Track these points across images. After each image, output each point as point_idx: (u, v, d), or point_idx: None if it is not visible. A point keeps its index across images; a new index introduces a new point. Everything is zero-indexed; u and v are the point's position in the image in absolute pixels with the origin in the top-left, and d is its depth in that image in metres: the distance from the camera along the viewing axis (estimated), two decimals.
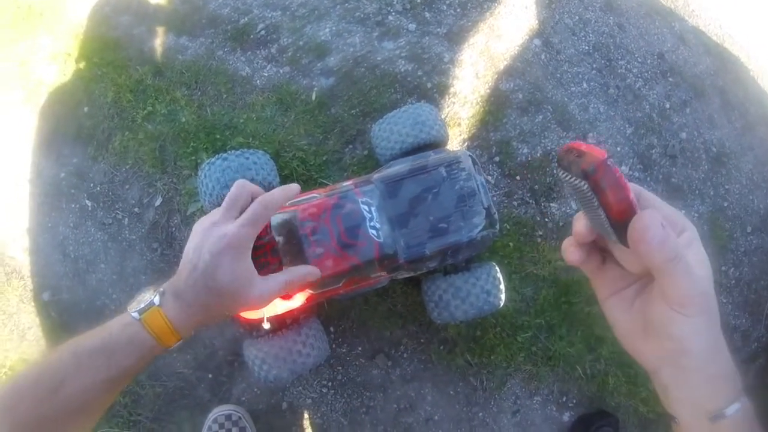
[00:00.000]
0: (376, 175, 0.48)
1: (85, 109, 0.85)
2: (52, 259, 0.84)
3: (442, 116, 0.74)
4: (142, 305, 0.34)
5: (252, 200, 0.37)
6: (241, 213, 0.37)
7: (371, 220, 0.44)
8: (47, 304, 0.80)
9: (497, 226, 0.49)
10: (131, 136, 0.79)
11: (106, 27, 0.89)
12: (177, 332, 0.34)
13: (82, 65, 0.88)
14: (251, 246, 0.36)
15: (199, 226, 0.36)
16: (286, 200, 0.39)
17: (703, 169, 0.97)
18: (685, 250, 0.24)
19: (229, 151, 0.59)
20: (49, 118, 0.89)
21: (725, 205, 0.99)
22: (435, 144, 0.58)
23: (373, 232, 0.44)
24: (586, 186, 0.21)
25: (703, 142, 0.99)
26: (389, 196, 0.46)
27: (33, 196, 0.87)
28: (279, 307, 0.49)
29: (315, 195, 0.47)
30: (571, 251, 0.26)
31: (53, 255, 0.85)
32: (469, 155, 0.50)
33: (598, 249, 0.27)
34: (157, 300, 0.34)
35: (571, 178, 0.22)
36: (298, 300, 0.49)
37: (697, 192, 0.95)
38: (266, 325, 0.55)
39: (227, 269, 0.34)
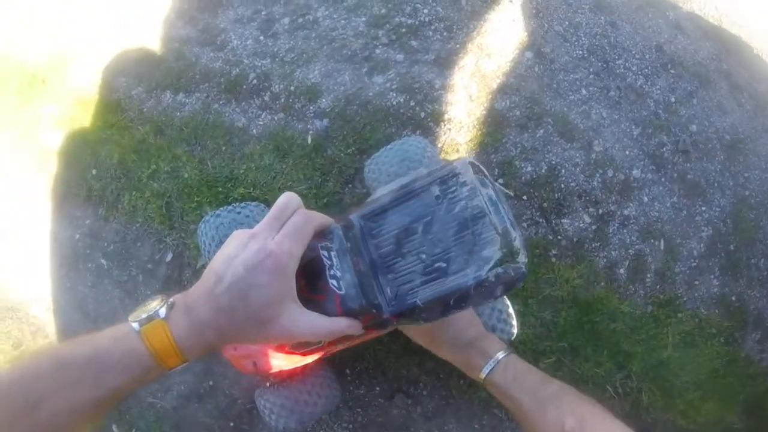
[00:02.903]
0: (356, 212, 0.39)
1: (93, 171, 0.88)
2: (74, 318, 0.87)
3: (439, 144, 0.73)
4: (144, 315, 0.29)
5: None
6: None
7: (331, 267, 0.35)
8: None
9: (522, 257, 0.33)
10: (138, 195, 0.82)
11: (107, 90, 0.93)
12: (181, 353, 0.29)
13: (86, 129, 0.92)
14: (295, 266, 0.31)
15: (235, 237, 0.31)
16: (326, 222, 0.35)
17: (718, 159, 0.93)
18: None
19: (222, 208, 0.60)
20: (60, 181, 0.92)
21: (747, 194, 0.93)
22: None
23: (333, 282, 0.34)
24: None
25: (715, 131, 0.95)
26: (370, 234, 0.36)
27: (52, 257, 0.90)
28: (270, 366, 0.48)
29: None
30: None
31: (74, 314, 0.87)
32: (470, 163, 0.37)
33: None
34: (163, 312, 0.29)
35: None
36: (284, 359, 0.47)
37: (716, 185, 0.91)
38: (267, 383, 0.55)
39: (263, 289, 0.29)
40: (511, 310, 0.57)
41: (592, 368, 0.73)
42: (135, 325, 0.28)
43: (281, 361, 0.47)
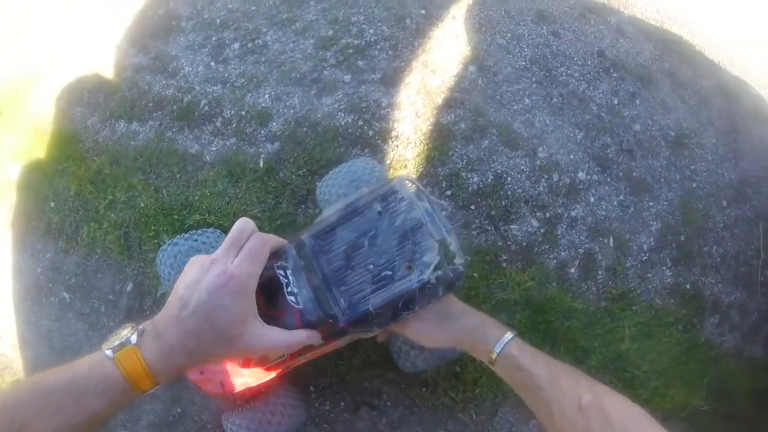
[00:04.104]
0: (306, 232, 0.42)
1: (52, 204, 0.87)
2: (40, 352, 0.86)
3: (388, 161, 0.75)
4: (117, 343, 0.31)
5: None
6: None
7: (288, 285, 0.38)
8: None
9: (458, 259, 0.39)
10: (97, 226, 0.82)
11: (62, 120, 0.93)
12: (154, 376, 0.31)
13: (43, 161, 0.91)
14: (255, 286, 0.34)
15: (195, 263, 0.33)
16: (279, 244, 0.39)
17: (664, 155, 0.97)
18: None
19: (179, 236, 0.61)
20: (20, 215, 0.92)
21: (694, 186, 0.98)
22: None
23: (292, 298, 0.38)
24: None
25: (659, 128, 0.99)
26: (321, 251, 0.40)
27: (15, 292, 0.89)
28: (237, 384, 0.49)
29: None
30: None
31: (40, 348, 0.86)
32: (407, 180, 0.42)
33: None
34: (134, 338, 0.31)
35: None
36: (249, 376, 0.49)
37: (662, 180, 0.95)
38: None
39: (227, 310, 0.31)
40: None
41: None
42: (108, 352, 0.30)
43: (247, 378, 0.48)
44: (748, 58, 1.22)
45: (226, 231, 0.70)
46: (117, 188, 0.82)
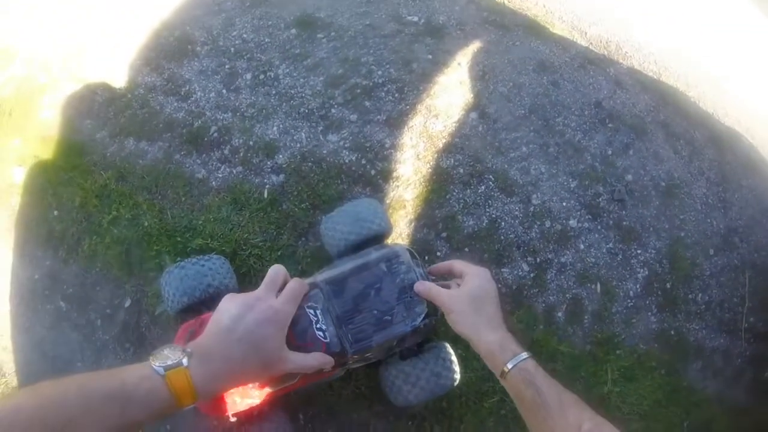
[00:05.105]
0: (321, 277, 0.53)
1: (55, 212, 0.89)
2: (31, 358, 0.87)
3: (387, 201, 0.78)
4: (169, 362, 0.34)
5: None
6: (278, 292, 0.42)
7: (317, 322, 0.48)
8: None
9: (438, 313, 0.52)
10: (99, 240, 0.83)
11: (71, 130, 0.94)
12: (197, 395, 0.34)
13: (49, 168, 0.93)
14: (290, 321, 0.42)
15: (235, 300, 0.40)
16: (308, 289, 0.47)
17: (654, 205, 1.01)
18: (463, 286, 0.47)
19: (186, 260, 0.63)
20: (21, 220, 0.93)
21: (682, 234, 1.01)
22: (378, 235, 0.62)
23: (320, 333, 0.48)
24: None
25: (651, 179, 1.03)
26: (334, 295, 0.50)
27: (11, 296, 0.90)
28: (240, 404, 0.52)
29: None
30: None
31: (32, 354, 0.87)
32: (407, 249, 0.55)
33: None
34: (185, 361, 0.35)
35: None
36: (259, 397, 0.53)
37: (651, 229, 0.98)
38: (232, 419, 0.59)
39: (270, 340, 0.39)
40: (453, 358, 0.63)
41: None
42: (159, 368, 0.34)
43: (254, 399, 0.53)
44: (742, 108, 1.27)
45: (228, 257, 0.73)
46: (122, 205, 0.83)
